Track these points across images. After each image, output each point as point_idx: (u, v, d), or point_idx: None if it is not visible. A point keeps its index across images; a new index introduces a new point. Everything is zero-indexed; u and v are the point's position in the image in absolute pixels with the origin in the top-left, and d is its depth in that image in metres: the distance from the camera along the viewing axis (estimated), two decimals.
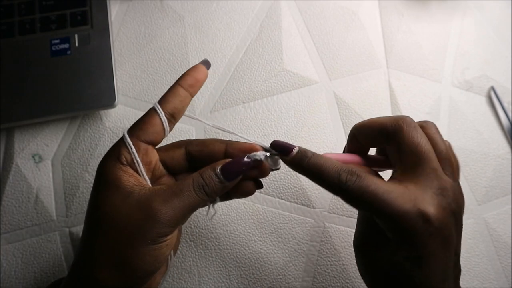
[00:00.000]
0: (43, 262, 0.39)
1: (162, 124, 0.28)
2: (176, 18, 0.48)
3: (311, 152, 0.28)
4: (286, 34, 0.48)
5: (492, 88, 0.47)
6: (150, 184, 0.29)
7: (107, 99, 0.42)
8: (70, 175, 0.42)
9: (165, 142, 0.31)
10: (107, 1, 0.46)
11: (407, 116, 0.29)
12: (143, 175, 0.28)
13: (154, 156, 0.29)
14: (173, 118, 0.29)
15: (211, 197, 0.28)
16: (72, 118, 0.44)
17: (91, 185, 0.41)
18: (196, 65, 0.30)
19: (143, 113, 0.29)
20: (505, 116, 0.46)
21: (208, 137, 0.43)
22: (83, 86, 0.42)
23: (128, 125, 0.43)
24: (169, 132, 0.29)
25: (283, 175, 0.42)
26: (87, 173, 0.42)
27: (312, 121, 0.45)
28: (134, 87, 0.45)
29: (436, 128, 0.30)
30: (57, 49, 0.43)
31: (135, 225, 0.26)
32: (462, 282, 0.28)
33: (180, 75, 0.30)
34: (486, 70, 0.48)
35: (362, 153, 0.31)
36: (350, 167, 0.27)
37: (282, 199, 0.42)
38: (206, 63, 0.31)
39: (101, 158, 0.28)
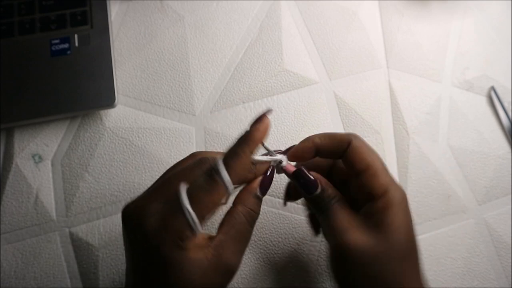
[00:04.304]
0: (43, 262, 0.39)
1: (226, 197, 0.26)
2: (176, 18, 0.48)
3: (333, 192, 0.29)
4: (286, 34, 0.48)
5: (493, 88, 0.47)
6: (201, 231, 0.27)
7: (107, 99, 0.42)
8: (70, 175, 0.42)
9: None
10: (107, 1, 0.46)
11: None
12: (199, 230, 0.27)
13: None
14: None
15: None
16: (72, 118, 0.44)
17: (91, 185, 0.41)
18: (261, 117, 0.29)
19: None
20: (505, 116, 0.46)
21: (208, 137, 0.43)
22: (83, 86, 0.42)
23: (128, 125, 0.44)
24: None
25: (283, 174, 0.42)
26: (87, 173, 0.42)
27: (312, 121, 0.45)
28: (134, 87, 0.45)
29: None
30: (57, 49, 0.43)
31: None
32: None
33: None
34: (486, 70, 0.48)
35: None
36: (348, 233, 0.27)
37: (282, 199, 0.42)
38: (268, 111, 0.30)
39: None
